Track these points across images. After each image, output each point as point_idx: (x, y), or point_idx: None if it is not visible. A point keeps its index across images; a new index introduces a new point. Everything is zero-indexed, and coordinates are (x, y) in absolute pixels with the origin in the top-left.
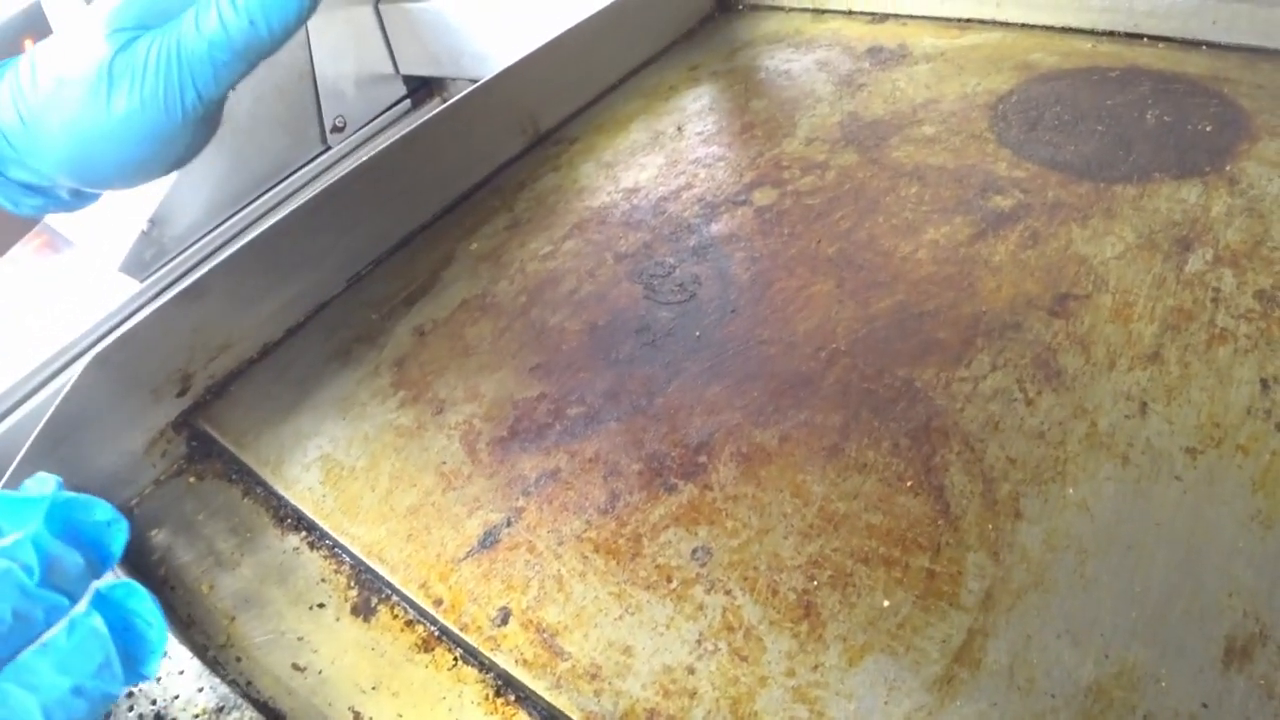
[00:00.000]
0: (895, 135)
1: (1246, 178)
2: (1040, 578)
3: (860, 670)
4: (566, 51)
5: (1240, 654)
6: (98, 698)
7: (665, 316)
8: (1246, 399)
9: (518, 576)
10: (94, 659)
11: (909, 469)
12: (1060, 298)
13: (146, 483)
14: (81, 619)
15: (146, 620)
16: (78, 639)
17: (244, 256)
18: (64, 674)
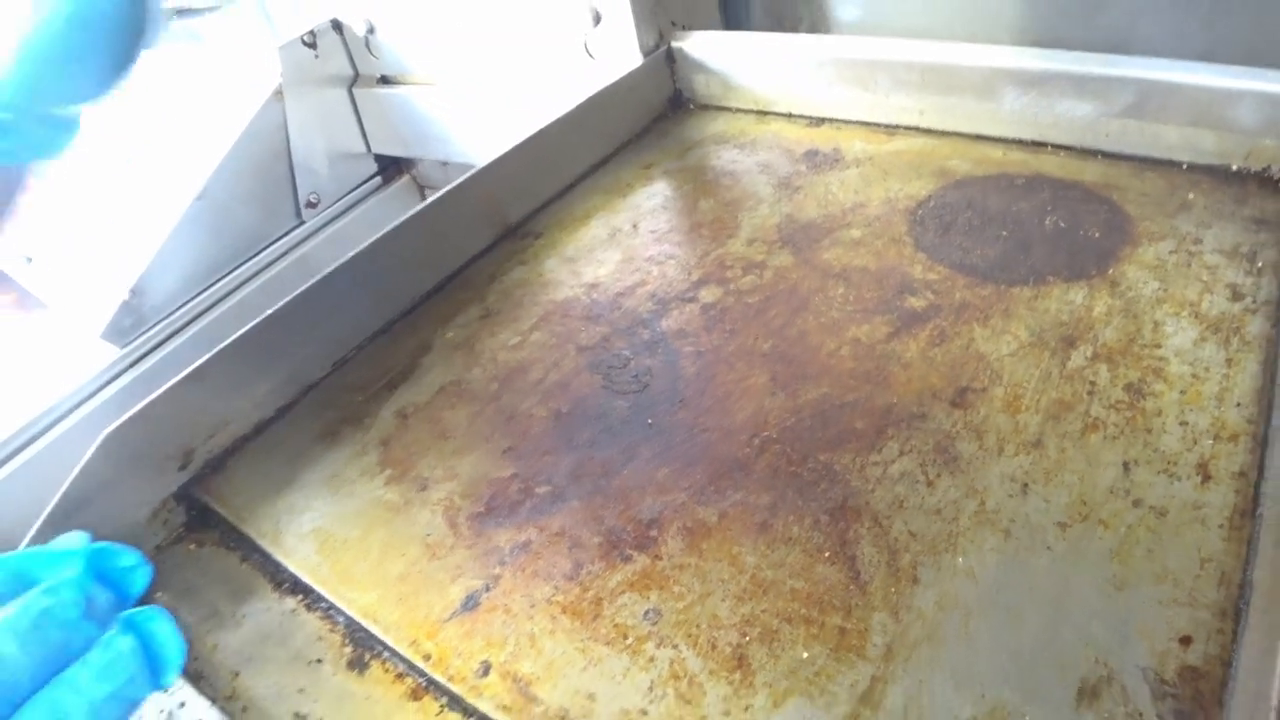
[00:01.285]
0: (826, 238)
1: (1126, 280)
2: (932, 633)
3: (783, 711)
4: (534, 151)
5: (1090, 693)
6: (129, 702)
7: (621, 405)
8: (1110, 480)
9: (496, 634)
10: (126, 671)
11: (827, 542)
12: (961, 391)
13: (149, 549)
14: (112, 640)
15: (165, 640)
16: (111, 655)
17: (240, 344)
18: (103, 683)
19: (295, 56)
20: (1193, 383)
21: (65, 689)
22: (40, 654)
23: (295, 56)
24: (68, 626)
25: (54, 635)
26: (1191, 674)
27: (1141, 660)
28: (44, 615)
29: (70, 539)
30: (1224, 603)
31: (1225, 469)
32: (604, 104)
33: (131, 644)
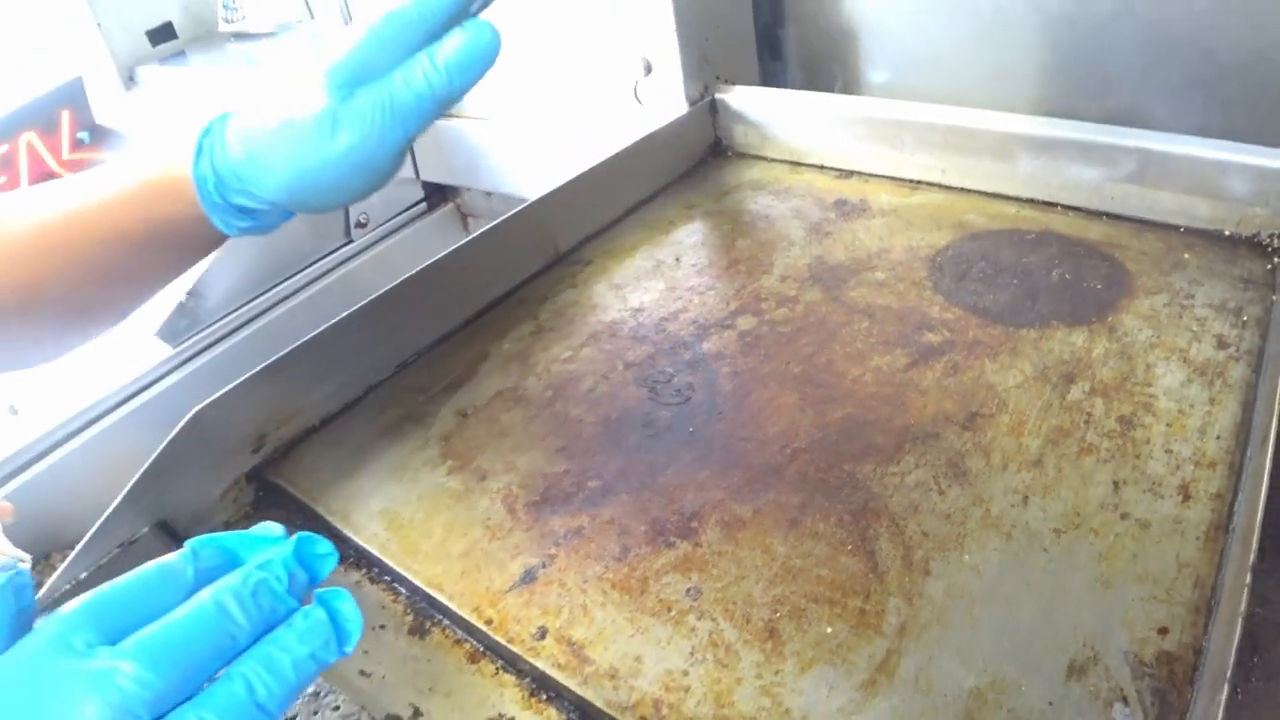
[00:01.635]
0: (852, 278)
1: (1123, 327)
2: (940, 616)
3: (809, 676)
4: (585, 186)
5: (1079, 671)
6: (322, 662)
7: (665, 415)
8: (1101, 496)
9: (552, 604)
10: (321, 636)
11: (849, 537)
12: (971, 415)
13: (218, 523)
14: (311, 611)
15: (349, 615)
16: (310, 623)
17: (313, 343)
18: (303, 644)
19: None
20: (1179, 417)
21: (274, 646)
22: (256, 616)
23: None
24: (276, 597)
25: (266, 602)
26: (1167, 658)
27: (1124, 645)
28: (260, 585)
29: (268, 527)
30: (1198, 601)
31: (1204, 490)
32: (651, 147)
33: (324, 615)
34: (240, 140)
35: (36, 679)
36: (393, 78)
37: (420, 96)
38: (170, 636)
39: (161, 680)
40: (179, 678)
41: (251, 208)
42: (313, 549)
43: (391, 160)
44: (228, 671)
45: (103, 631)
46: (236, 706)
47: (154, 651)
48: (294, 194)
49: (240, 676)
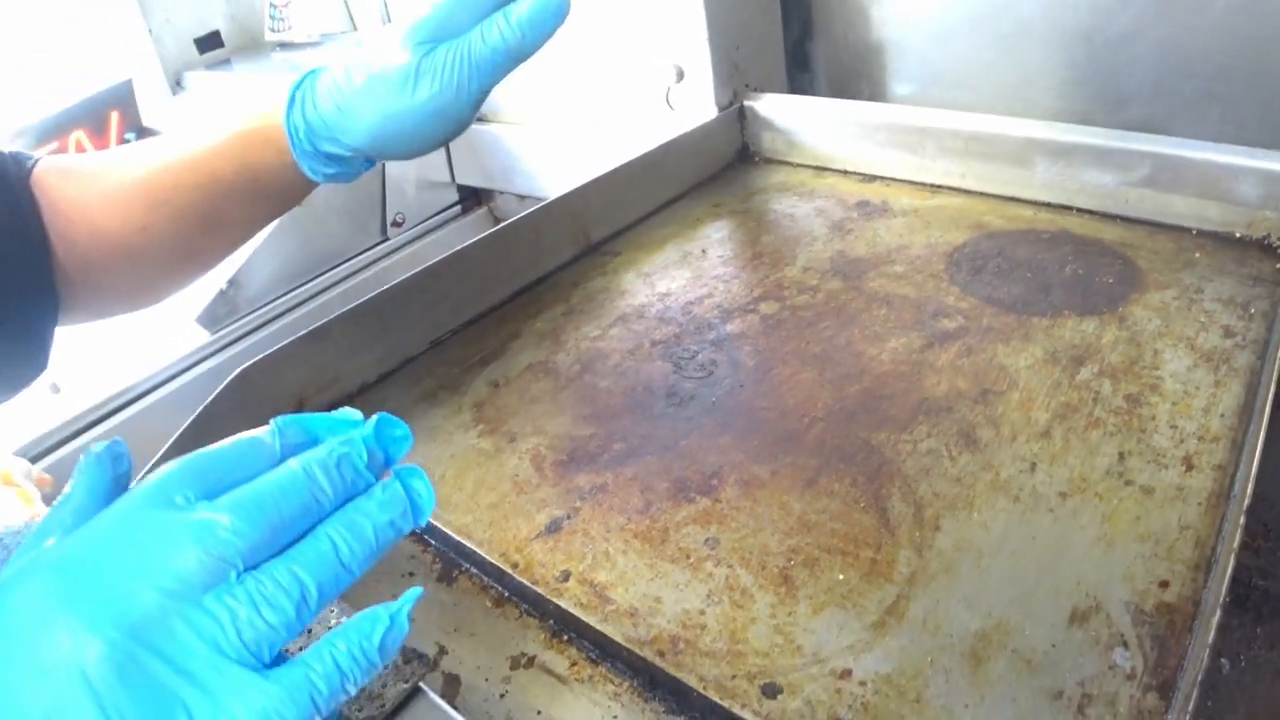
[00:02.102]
0: (872, 270)
1: (1133, 317)
2: (949, 567)
3: (820, 617)
4: (616, 182)
5: (1081, 618)
6: (400, 530)
7: (689, 386)
8: (1107, 464)
9: (576, 551)
10: (399, 507)
11: (863, 496)
12: (983, 392)
13: None
14: (389, 483)
15: (422, 491)
16: (389, 494)
17: (356, 313)
18: (383, 512)
19: None
20: (1184, 397)
21: (357, 512)
22: (340, 485)
23: None
24: (356, 470)
25: (348, 474)
26: (1167, 609)
27: (1125, 596)
28: (344, 458)
29: (349, 412)
30: (1198, 559)
31: (1207, 462)
32: (680, 149)
33: (401, 490)
34: (329, 92)
35: (140, 528)
36: (470, 34)
37: (495, 50)
38: (263, 495)
39: (256, 533)
40: (270, 533)
41: (338, 154)
42: (391, 431)
43: (468, 110)
44: (314, 532)
45: (200, 489)
46: (323, 562)
47: (249, 507)
48: (378, 141)
49: (326, 536)
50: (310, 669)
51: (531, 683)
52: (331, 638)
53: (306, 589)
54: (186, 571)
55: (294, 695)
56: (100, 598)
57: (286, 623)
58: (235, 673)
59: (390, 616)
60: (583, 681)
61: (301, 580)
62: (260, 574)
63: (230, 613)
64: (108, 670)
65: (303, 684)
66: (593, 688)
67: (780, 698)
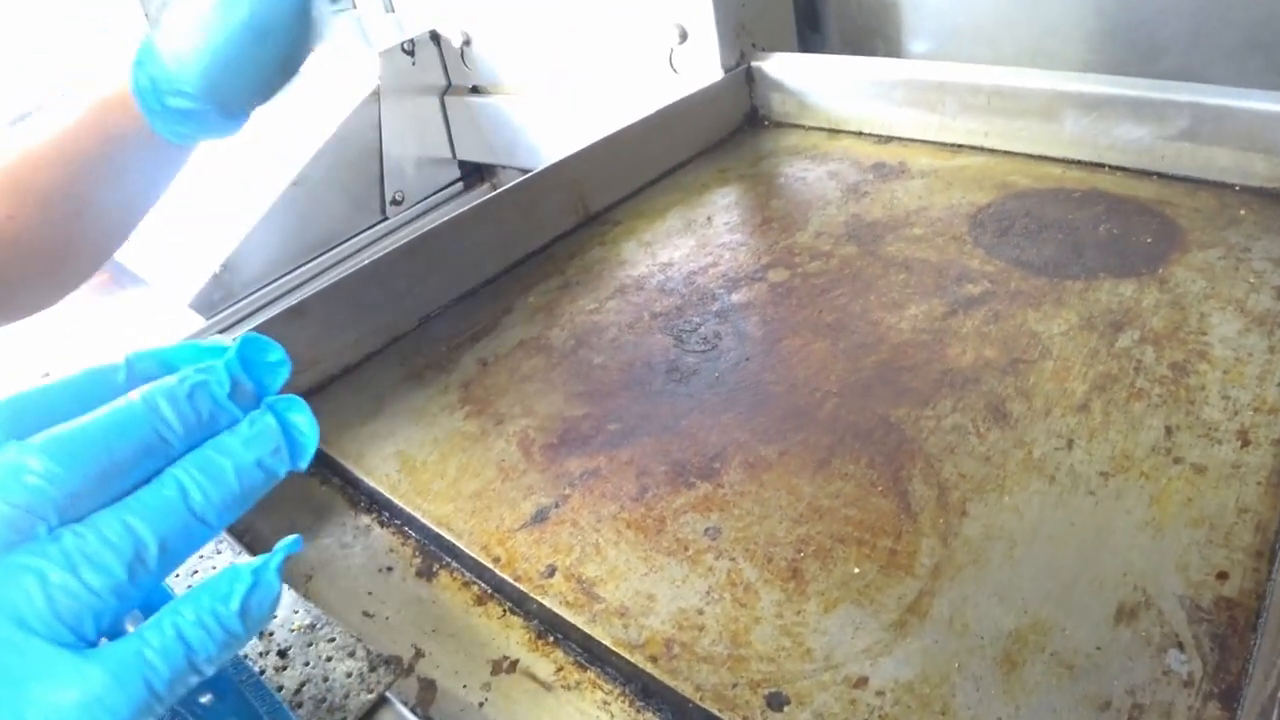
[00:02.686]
0: (890, 234)
1: (1175, 279)
2: (978, 557)
3: (833, 616)
4: (616, 147)
5: (1129, 615)
6: (271, 472)
7: (691, 361)
8: (1153, 440)
9: (563, 543)
10: (269, 444)
11: (880, 478)
12: (1013, 361)
13: None
14: (258, 415)
15: (304, 428)
16: (258, 429)
17: (337, 288)
18: (249, 450)
19: (394, 63)
20: (1235, 365)
21: (215, 451)
22: (193, 420)
23: (394, 63)
24: (217, 402)
25: (205, 406)
26: (1226, 604)
27: (1178, 590)
28: (198, 387)
29: (216, 338)
30: (1260, 546)
31: (1265, 436)
32: (684, 113)
33: (274, 423)
34: (164, 41)
35: None
36: None
37: None
38: (89, 433)
39: (75, 478)
40: (97, 479)
41: (189, 109)
42: (262, 355)
43: (289, 23)
44: (159, 475)
45: (13, 429)
46: (168, 511)
47: (67, 446)
48: (214, 80)
49: (173, 479)
50: (145, 644)
51: (513, 689)
52: (176, 604)
53: (143, 544)
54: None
55: (121, 679)
56: None
57: (115, 586)
58: (43, 652)
59: (253, 573)
60: (569, 688)
61: (136, 533)
62: (82, 528)
63: (38, 577)
64: None
65: (133, 664)
66: (580, 695)
67: (787, 709)
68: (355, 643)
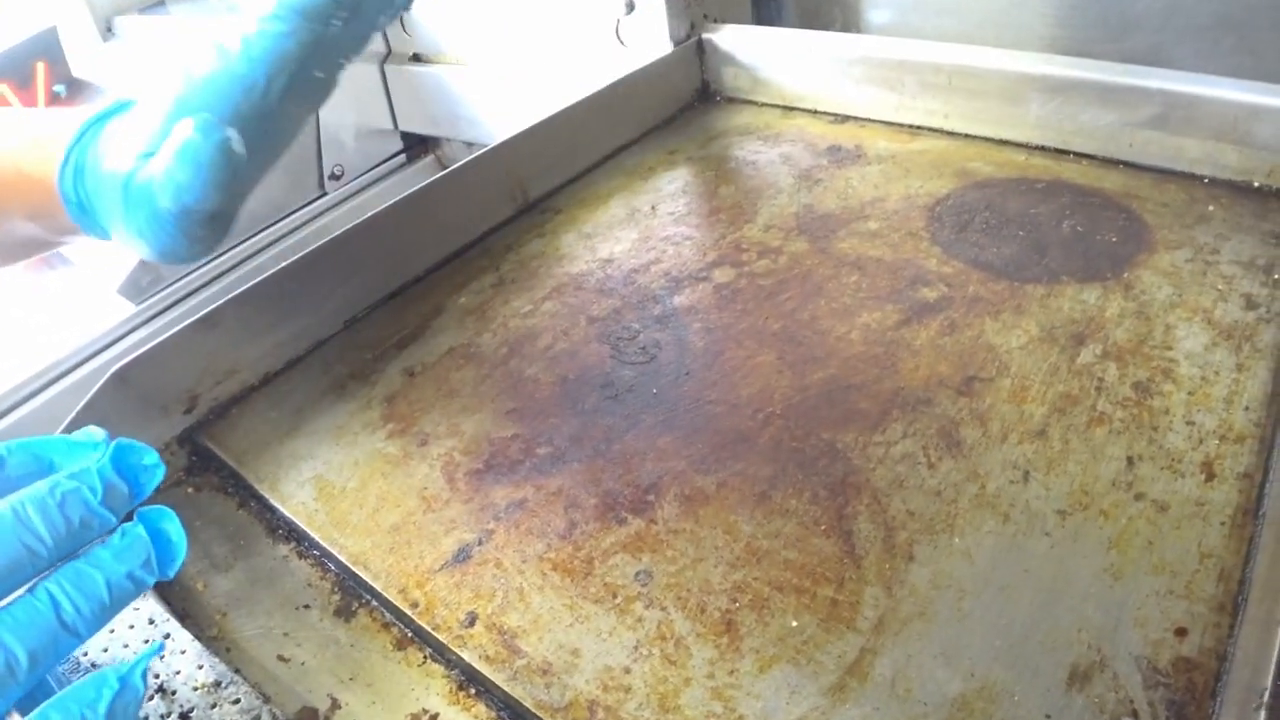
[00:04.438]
0: (843, 228)
1: (1140, 284)
2: (924, 609)
3: (768, 677)
4: (557, 129)
5: (1082, 678)
6: (140, 583)
7: (628, 375)
8: (1113, 473)
9: (485, 587)
10: (140, 556)
11: (824, 515)
12: (968, 379)
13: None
14: (130, 528)
15: (173, 536)
16: (129, 540)
17: (254, 293)
18: (120, 563)
19: None
20: (1201, 385)
21: (87, 563)
22: (63, 530)
23: None
24: (89, 509)
25: (76, 515)
26: (1185, 665)
27: (1135, 649)
28: (70, 495)
29: (90, 432)
30: (1222, 598)
31: (1230, 469)
32: (631, 89)
33: (144, 533)
34: (95, 165)
35: None
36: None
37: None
38: None
39: None
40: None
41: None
42: (137, 459)
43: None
44: (31, 588)
45: None
46: (38, 624)
47: None
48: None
49: (44, 592)
50: None
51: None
52: (46, 710)
53: (13, 657)
54: None
55: None
56: None
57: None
58: None
59: (119, 679)
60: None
61: (6, 646)
62: None
63: None
64: None
65: None
66: None
67: None
68: (261, 705)
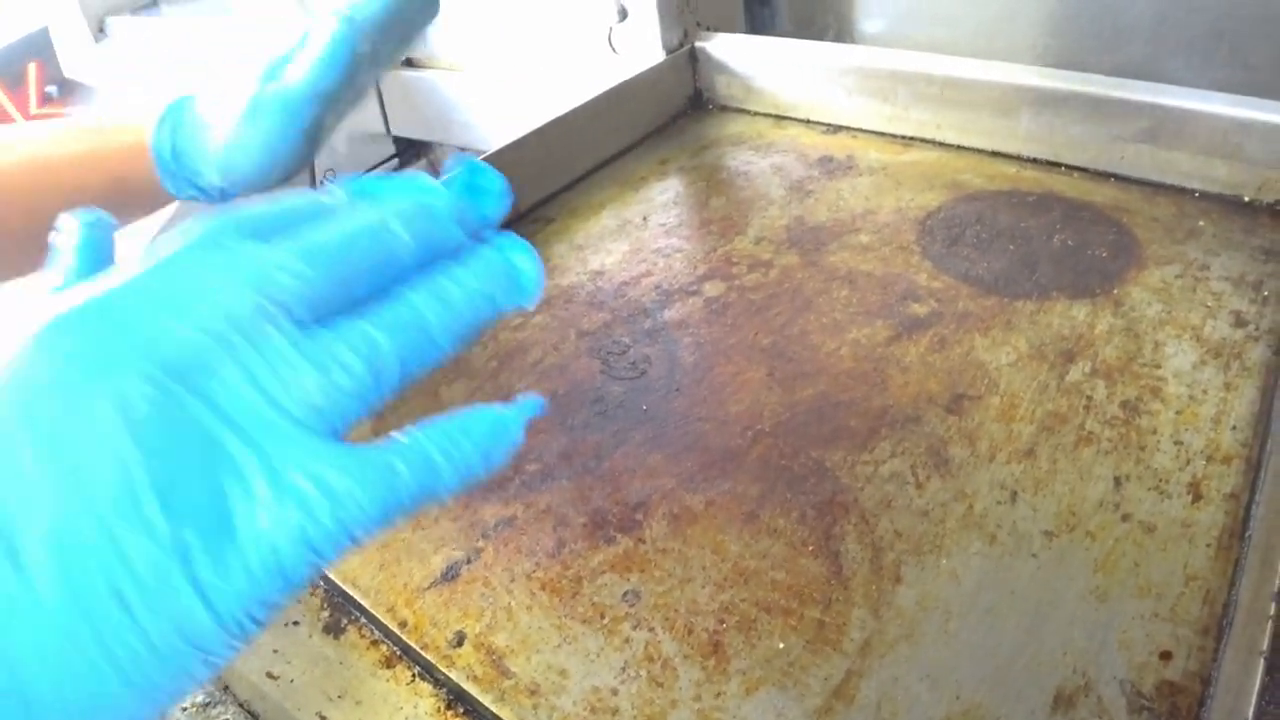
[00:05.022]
0: (834, 241)
1: (1130, 301)
2: (911, 631)
3: (754, 699)
4: (549, 137)
5: (1067, 701)
6: (496, 307)
7: (617, 390)
8: (1100, 493)
9: (473, 606)
10: (498, 277)
11: (812, 536)
12: (957, 397)
13: None
14: (485, 250)
15: (527, 267)
16: (486, 260)
17: None
18: (478, 280)
19: None
20: (1189, 404)
21: (445, 277)
22: (422, 240)
23: None
24: (445, 226)
25: (433, 229)
26: (1169, 689)
27: (1120, 672)
28: (424, 210)
29: (421, 174)
30: (1207, 621)
31: (1217, 490)
32: (624, 98)
33: (502, 257)
34: (190, 121)
35: (180, 269)
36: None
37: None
38: (331, 240)
39: (322, 281)
40: (340, 284)
41: (210, 186)
42: (485, 183)
43: (286, 153)
44: (394, 295)
45: (253, 234)
46: (403, 325)
47: (314, 251)
48: (248, 181)
49: (407, 299)
50: (398, 456)
51: None
52: (428, 430)
53: (383, 354)
54: (240, 316)
55: (372, 479)
56: (134, 337)
57: (360, 389)
58: (299, 437)
59: (504, 419)
60: None
61: (377, 342)
62: (328, 329)
63: (292, 367)
64: (146, 408)
65: (385, 470)
66: None
67: None
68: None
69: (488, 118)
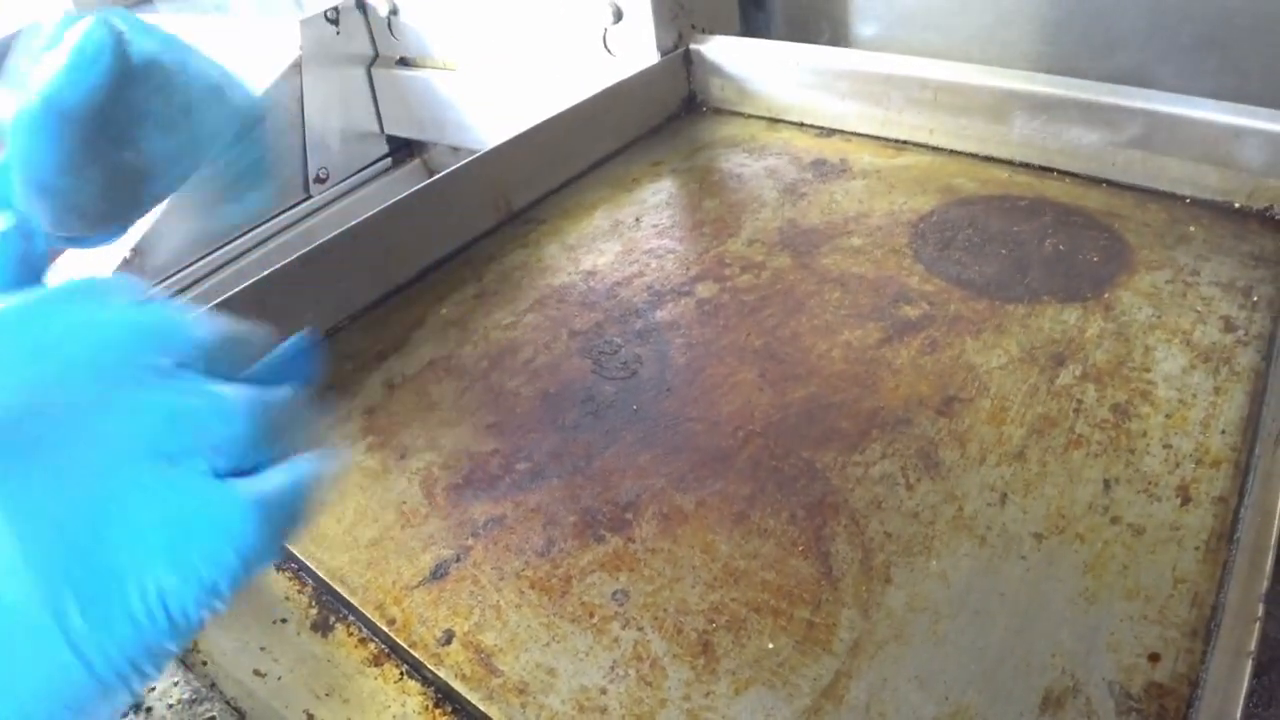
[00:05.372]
0: (826, 244)
1: (1120, 305)
2: (900, 632)
3: (743, 699)
4: (542, 138)
5: (1055, 703)
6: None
7: (609, 390)
8: (1090, 496)
9: (462, 605)
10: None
11: (802, 536)
12: (947, 399)
13: None
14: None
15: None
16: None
17: (232, 302)
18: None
19: (317, 32)
20: (1179, 408)
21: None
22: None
23: (317, 32)
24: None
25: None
26: (1157, 690)
27: (1108, 674)
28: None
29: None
30: (1195, 623)
31: (1206, 493)
32: (618, 99)
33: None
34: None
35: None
36: None
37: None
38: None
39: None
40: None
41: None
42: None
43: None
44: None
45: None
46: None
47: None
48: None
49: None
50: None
51: None
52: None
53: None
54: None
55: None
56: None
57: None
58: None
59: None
60: None
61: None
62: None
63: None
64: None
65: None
66: None
67: None
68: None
69: (482, 117)
